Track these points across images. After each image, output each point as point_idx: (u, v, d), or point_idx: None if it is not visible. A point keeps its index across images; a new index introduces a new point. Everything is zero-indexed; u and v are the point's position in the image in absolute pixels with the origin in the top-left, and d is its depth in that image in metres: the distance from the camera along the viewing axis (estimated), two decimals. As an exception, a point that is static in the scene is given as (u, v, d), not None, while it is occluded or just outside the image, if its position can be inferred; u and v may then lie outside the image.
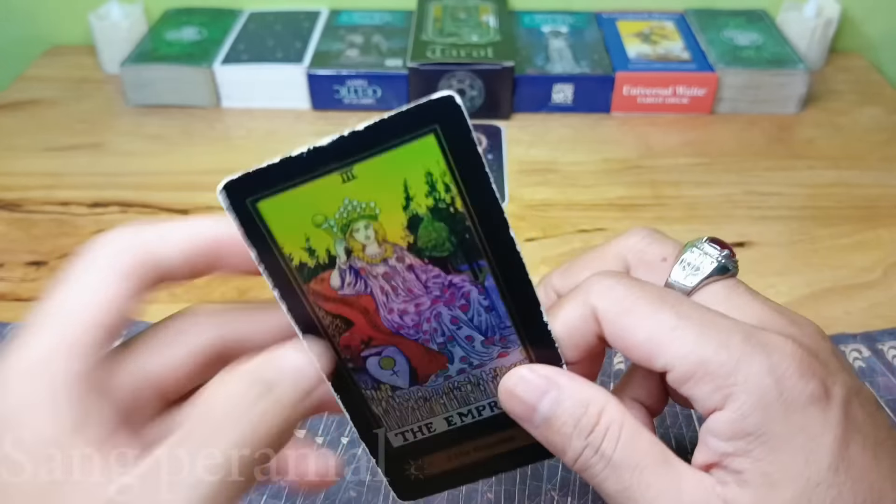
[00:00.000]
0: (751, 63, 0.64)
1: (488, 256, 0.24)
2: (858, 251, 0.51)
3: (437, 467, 0.28)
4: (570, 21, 0.72)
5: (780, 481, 0.22)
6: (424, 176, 0.22)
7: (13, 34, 0.78)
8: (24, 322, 0.23)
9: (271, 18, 0.72)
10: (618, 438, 0.23)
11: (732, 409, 0.22)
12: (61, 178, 0.58)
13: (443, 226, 0.23)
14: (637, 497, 0.23)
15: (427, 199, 0.23)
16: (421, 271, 0.24)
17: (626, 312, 0.24)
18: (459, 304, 0.24)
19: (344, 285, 0.24)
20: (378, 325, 0.24)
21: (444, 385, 0.26)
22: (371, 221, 0.23)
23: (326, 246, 0.23)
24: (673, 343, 0.23)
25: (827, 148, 0.61)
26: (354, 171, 0.22)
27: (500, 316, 0.25)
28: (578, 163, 0.59)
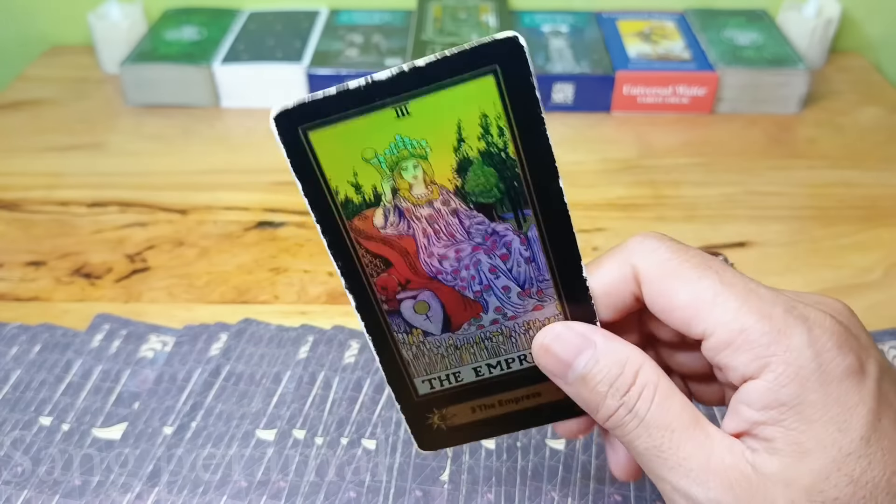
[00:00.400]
0: (751, 63, 0.64)
1: (535, 206, 0.23)
2: (859, 251, 0.50)
3: (460, 419, 0.28)
4: (570, 20, 0.72)
5: (812, 450, 0.22)
6: (479, 118, 0.22)
7: (13, 34, 0.78)
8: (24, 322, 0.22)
9: (271, 18, 0.72)
10: (652, 399, 0.24)
11: (769, 378, 0.22)
12: (61, 178, 0.58)
13: (492, 171, 0.23)
14: (667, 456, 0.23)
15: (479, 142, 0.22)
16: (465, 216, 0.23)
17: (669, 275, 0.24)
18: (500, 252, 0.24)
19: (387, 224, 0.24)
20: (416, 268, 0.24)
21: (476, 334, 0.25)
22: (420, 161, 0.22)
23: (373, 183, 0.23)
24: (715, 309, 0.23)
25: (827, 148, 0.61)
26: (409, 107, 0.21)
27: (539, 268, 0.24)
28: (578, 162, 0.59)
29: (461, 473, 0.36)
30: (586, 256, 0.25)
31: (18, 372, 0.41)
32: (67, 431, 0.38)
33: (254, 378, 0.41)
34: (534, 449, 0.37)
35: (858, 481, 0.22)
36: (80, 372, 0.41)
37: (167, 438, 0.38)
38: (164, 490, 0.36)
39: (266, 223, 0.53)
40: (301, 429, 0.38)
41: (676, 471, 0.23)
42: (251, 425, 0.38)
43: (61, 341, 0.43)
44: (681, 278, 0.24)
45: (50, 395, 0.40)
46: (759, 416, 0.22)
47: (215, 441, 0.38)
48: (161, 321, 0.45)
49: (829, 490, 0.22)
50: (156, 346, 0.43)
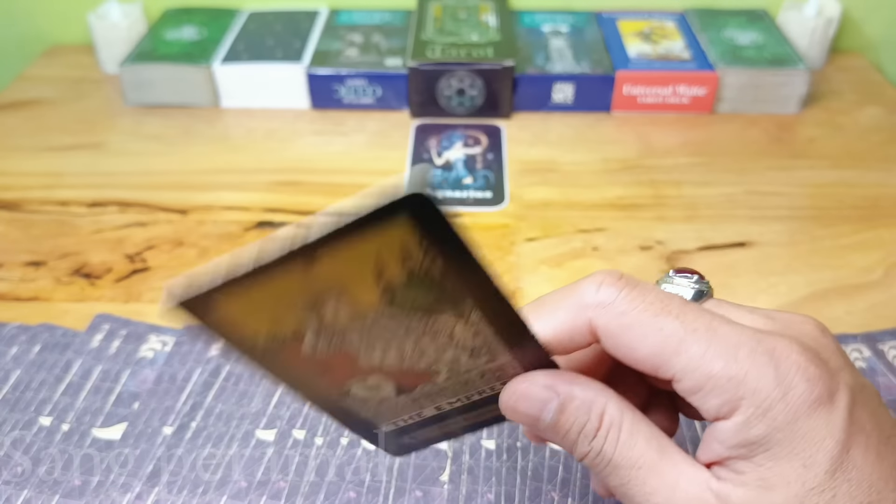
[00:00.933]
0: (751, 62, 0.64)
1: (473, 297, 0.21)
2: (859, 251, 0.50)
3: (426, 435, 0.29)
4: (570, 20, 0.72)
5: (776, 485, 0.22)
6: (399, 250, 0.19)
7: (12, 34, 0.78)
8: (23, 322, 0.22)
9: (271, 18, 0.72)
10: (617, 440, 0.24)
11: (738, 420, 0.22)
12: (60, 178, 0.58)
13: (421, 290, 0.20)
14: (634, 493, 0.24)
15: (401, 268, 0.19)
16: (402, 319, 0.21)
17: (628, 328, 0.23)
18: (444, 336, 0.23)
19: (317, 352, 0.22)
20: (359, 367, 0.23)
21: (433, 388, 0.26)
22: (341, 295, 0.20)
23: (294, 327, 0.21)
24: (679, 357, 0.23)
25: (827, 148, 0.61)
26: (317, 257, 0.18)
27: (486, 337, 0.23)
28: (578, 162, 0.59)
29: (461, 473, 0.36)
30: (587, 257, 0.25)
31: (18, 372, 0.41)
32: (67, 431, 0.38)
33: (254, 378, 0.41)
34: (534, 449, 0.37)
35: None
36: (79, 372, 0.41)
37: (167, 438, 0.38)
38: (164, 490, 0.36)
39: (266, 223, 0.53)
40: (301, 429, 0.38)
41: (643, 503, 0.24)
42: (251, 425, 0.38)
43: (61, 341, 0.43)
44: (641, 330, 0.23)
45: (50, 395, 0.40)
46: (730, 452, 0.23)
47: (215, 441, 0.38)
48: (161, 321, 0.45)
49: None
50: (156, 346, 0.43)
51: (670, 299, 0.24)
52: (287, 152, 0.60)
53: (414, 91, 0.63)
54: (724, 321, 0.23)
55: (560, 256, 0.50)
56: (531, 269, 0.49)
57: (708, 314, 0.23)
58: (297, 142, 0.62)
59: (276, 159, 0.60)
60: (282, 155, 0.60)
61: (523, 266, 0.49)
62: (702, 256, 0.50)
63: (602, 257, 0.49)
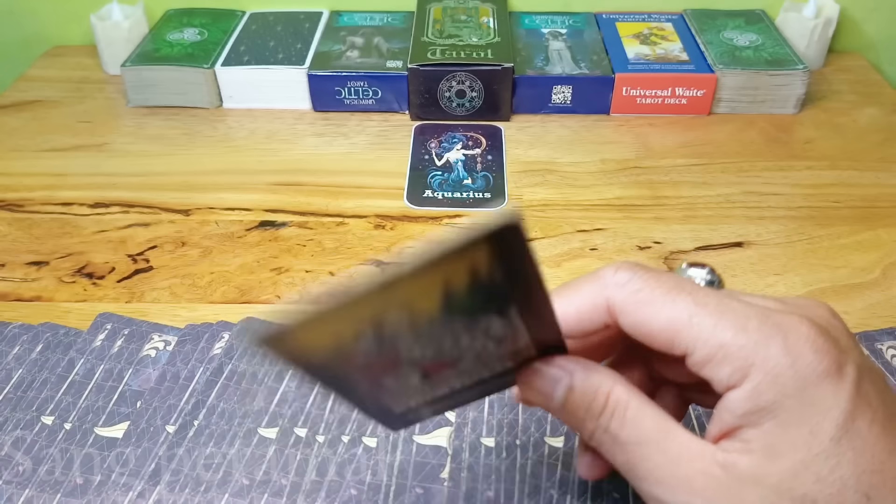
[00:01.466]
0: (750, 63, 0.64)
1: (519, 304, 0.22)
2: (857, 251, 0.51)
3: (431, 409, 0.29)
4: (569, 22, 0.72)
5: (784, 452, 0.23)
6: (470, 267, 0.19)
7: (14, 34, 0.78)
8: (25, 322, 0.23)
9: (272, 19, 0.73)
10: (623, 418, 0.25)
11: (748, 388, 0.23)
12: (62, 179, 0.58)
13: (478, 298, 0.21)
14: (639, 469, 0.25)
15: (467, 280, 0.20)
16: (452, 322, 0.22)
17: (643, 303, 0.25)
18: (481, 331, 0.23)
19: (368, 358, 0.22)
20: (400, 364, 0.24)
21: (452, 373, 0.26)
22: (406, 307, 0.20)
23: (354, 340, 0.21)
24: (692, 329, 0.24)
25: (826, 148, 0.61)
26: (396, 283, 0.19)
27: (516, 328, 0.24)
28: (577, 163, 0.60)
29: (461, 471, 0.36)
30: (585, 258, 0.26)
31: (20, 371, 0.42)
32: (69, 431, 0.39)
33: (256, 377, 0.41)
34: (533, 447, 0.37)
35: (826, 479, 0.22)
36: (82, 371, 0.42)
37: (169, 437, 0.38)
38: (166, 489, 0.36)
39: (268, 223, 0.54)
40: (302, 427, 0.39)
41: (648, 480, 0.25)
42: (253, 424, 0.39)
43: (63, 341, 0.43)
44: (655, 305, 0.25)
45: (52, 394, 0.40)
46: (740, 420, 0.23)
47: (217, 440, 0.38)
48: (163, 320, 0.45)
49: (798, 487, 0.22)
50: (158, 345, 0.43)
51: (683, 281, 0.25)
52: (288, 153, 0.61)
53: (414, 93, 0.63)
54: (735, 299, 0.25)
55: (559, 256, 0.50)
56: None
57: (719, 294, 0.25)
58: (299, 143, 0.62)
59: (277, 160, 0.60)
60: (283, 156, 0.60)
61: (523, 266, 0.50)
62: (699, 257, 0.50)
63: (600, 257, 0.50)
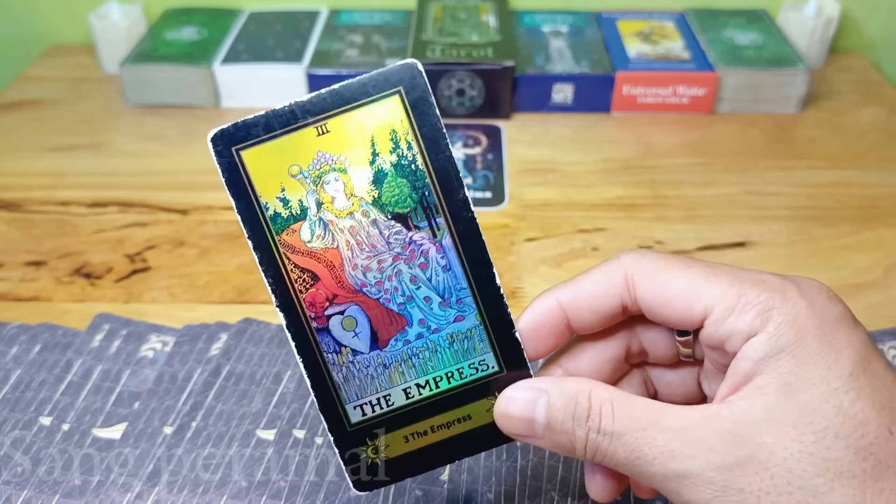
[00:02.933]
0: (751, 63, 0.64)
1: (445, 214, 0.26)
2: (858, 251, 0.51)
3: (393, 450, 0.28)
4: (570, 21, 0.72)
5: (801, 388, 0.23)
6: (390, 133, 0.25)
7: (13, 34, 0.78)
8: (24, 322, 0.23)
9: (271, 18, 0.72)
10: (612, 413, 0.25)
11: (770, 329, 0.23)
12: (61, 178, 0.58)
13: (405, 181, 0.25)
14: (646, 452, 0.24)
15: (391, 155, 0.25)
16: (384, 226, 0.26)
17: (660, 271, 0.26)
18: (419, 262, 0.26)
19: (313, 238, 0.26)
20: (342, 282, 0.26)
21: (403, 351, 0.27)
22: (341, 174, 0.25)
23: (299, 197, 0.25)
24: (709, 288, 0.24)
25: (827, 148, 0.61)
26: (328, 125, 0.25)
27: (456, 277, 0.26)
28: (578, 163, 0.59)
29: (461, 473, 0.36)
30: (586, 257, 0.26)
31: (18, 372, 0.41)
32: (67, 431, 0.38)
33: (254, 378, 0.41)
34: (533, 448, 0.37)
35: (847, 411, 0.22)
36: (80, 372, 0.41)
37: (167, 438, 0.38)
38: (164, 490, 0.36)
39: (266, 223, 0.53)
40: (301, 429, 0.38)
41: (660, 459, 0.24)
42: (251, 425, 0.39)
43: (61, 341, 0.43)
44: (671, 271, 0.25)
45: (50, 394, 0.40)
46: (757, 366, 0.23)
47: (215, 441, 0.38)
48: (161, 321, 0.45)
49: (818, 420, 0.22)
50: (156, 345, 0.43)
51: (693, 258, 0.26)
52: (287, 152, 0.60)
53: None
54: (744, 269, 0.25)
55: (560, 256, 0.50)
56: (531, 269, 0.49)
57: (729, 265, 0.26)
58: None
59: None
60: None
61: (523, 266, 0.49)
62: (701, 256, 0.50)
63: (602, 257, 0.50)
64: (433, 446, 0.28)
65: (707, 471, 0.23)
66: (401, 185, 0.25)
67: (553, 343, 0.28)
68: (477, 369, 0.27)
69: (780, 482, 0.22)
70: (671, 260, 0.26)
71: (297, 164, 0.25)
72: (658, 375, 0.30)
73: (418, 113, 0.25)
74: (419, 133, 0.25)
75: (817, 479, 0.22)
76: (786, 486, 0.22)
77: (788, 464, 0.22)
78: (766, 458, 0.22)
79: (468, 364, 0.27)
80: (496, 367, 0.27)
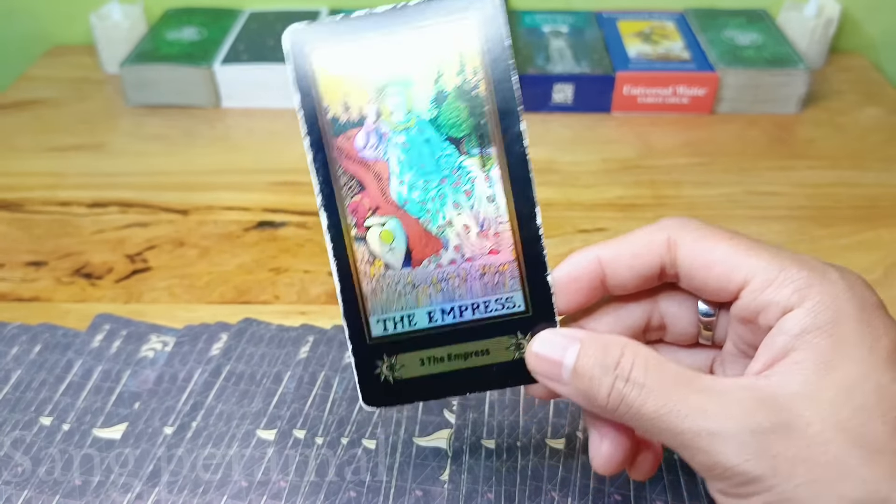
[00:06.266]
0: (751, 63, 0.64)
1: (498, 145, 0.26)
2: (858, 251, 0.51)
3: (408, 371, 0.28)
4: (570, 21, 0.72)
5: (840, 366, 0.23)
6: (458, 56, 0.25)
7: (14, 34, 0.78)
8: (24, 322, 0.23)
9: (271, 18, 0.73)
10: (646, 366, 0.24)
11: (809, 306, 0.24)
12: (62, 179, 0.58)
13: (464, 106, 0.26)
14: (679, 408, 0.23)
15: (456, 77, 0.25)
16: (436, 147, 0.26)
17: (705, 237, 0.26)
18: (464, 188, 0.26)
19: (366, 146, 0.26)
20: (387, 195, 0.26)
21: (434, 273, 0.27)
22: (403, 89, 0.25)
23: (360, 104, 0.26)
24: (751, 259, 0.25)
25: (827, 148, 0.61)
26: (399, 37, 0.25)
27: (498, 209, 0.26)
28: (578, 163, 0.59)
29: (461, 473, 0.36)
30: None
31: (19, 372, 0.41)
32: (68, 431, 0.38)
33: (254, 378, 0.41)
34: (534, 448, 0.37)
35: (885, 390, 0.22)
36: (80, 372, 0.41)
37: (167, 438, 0.38)
38: (165, 490, 0.36)
39: (266, 223, 0.53)
40: (301, 429, 0.38)
41: (693, 416, 0.23)
42: (251, 425, 0.39)
43: (62, 341, 0.43)
44: (715, 239, 0.26)
45: (50, 395, 0.40)
46: (794, 342, 0.23)
47: (216, 441, 0.38)
48: (162, 321, 0.45)
49: (857, 398, 0.22)
50: (156, 346, 0.43)
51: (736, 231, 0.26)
52: (287, 153, 0.60)
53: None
54: (787, 250, 0.26)
55: (560, 257, 0.50)
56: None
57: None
58: (298, 142, 0.61)
59: (276, 160, 0.60)
60: (282, 155, 0.60)
61: (523, 266, 0.49)
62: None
63: (602, 257, 0.50)
64: (447, 375, 0.28)
65: (742, 433, 0.22)
66: (459, 109, 0.25)
67: (584, 298, 0.28)
68: (503, 305, 0.27)
69: (815, 452, 0.22)
70: (715, 229, 0.26)
71: (363, 71, 0.25)
72: (671, 355, 0.30)
73: (490, 41, 0.25)
74: (487, 61, 0.25)
75: (853, 452, 0.22)
76: (821, 456, 0.22)
77: (825, 436, 0.22)
78: (803, 427, 0.22)
79: (495, 299, 0.27)
80: (522, 308, 0.27)
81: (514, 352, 0.28)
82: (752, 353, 0.27)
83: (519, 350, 0.28)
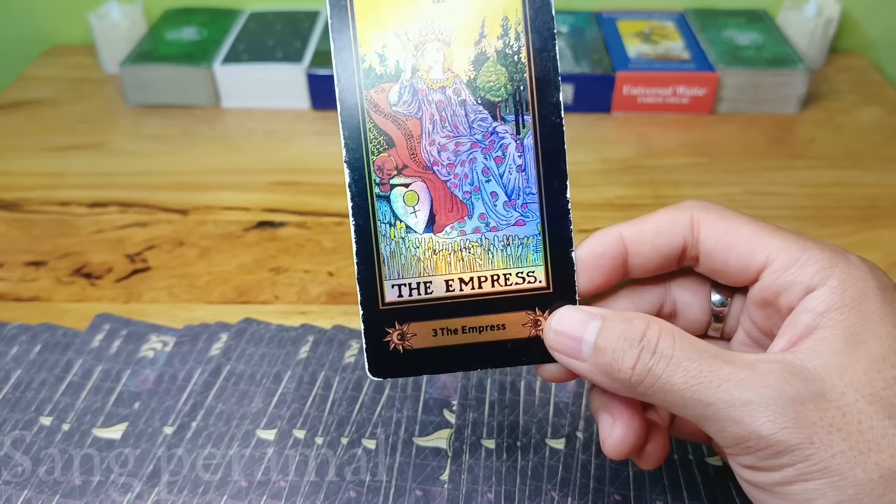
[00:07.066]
0: (751, 63, 0.64)
1: (534, 114, 0.26)
2: (858, 251, 0.50)
3: (419, 341, 0.27)
4: (570, 21, 0.72)
5: (869, 339, 0.23)
6: (502, 19, 0.25)
7: (13, 34, 0.78)
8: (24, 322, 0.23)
9: (271, 18, 0.72)
10: (673, 337, 0.24)
11: (833, 284, 0.24)
12: (61, 178, 0.58)
13: (504, 70, 0.25)
14: (710, 378, 0.23)
15: (498, 41, 0.25)
16: (471, 110, 0.25)
17: (728, 218, 0.26)
18: (496, 154, 0.26)
19: (399, 102, 0.25)
20: (416, 154, 0.26)
21: (456, 241, 0.26)
22: (443, 46, 0.25)
23: (398, 58, 0.25)
24: (774, 240, 0.25)
25: (827, 148, 0.61)
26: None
27: (528, 179, 0.26)
28: (578, 163, 0.59)
29: (461, 473, 0.36)
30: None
31: (19, 372, 0.41)
32: (68, 431, 0.38)
33: (254, 378, 0.41)
34: (534, 448, 0.37)
35: None
36: (80, 372, 0.41)
37: (167, 438, 0.38)
38: (165, 490, 0.36)
39: (266, 223, 0.53)
40: (301, 429, 0.38)
41: (726, 386, 0.23)
42: (251, 425, 0.39)
43: (62, 341, 0.43)
44: (738, 221, 0.26)
45: (50, 394, 0.40)
46: (820, 319, 0.24)
47: (215, 441, 0.38)
48: (161, 321, 0.45)
49: (888, 369, 0.23)
50: (156, 345, 0.43)
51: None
52: (287, 153, 0.60)
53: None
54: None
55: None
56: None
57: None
58: (298, 142, 0.62)
59: (276, 160, 0.60)
60: (282, 155, 0.60)
61: (523, 266, 0.49)
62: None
63: (602, 257, 0.50)
64: (459, 347, 0.27)
65: (779, 400, 0.22)
66: (499, 73, 0.25)
67: (605, 278, 0.27)
68: (524, 279, 0.27)
69: (851, 420, 0.22)
70: (737, 213, 0.27)
71: (404, 24, 0.25)
72: None
73: (535, 8, 0.25)
74: (530, 27, 0.25)
75: (888, 421, 0.22)
76: (857, 424, 0.22)
77: (860, 405, 0.22)
78: (838, 397, 0.22)
79: (517, 272, 0.26)
80: (543, 283, 0.27)
81: (531, 328, 0.27)
82: (764, 341, 0.27)
83: (536, 326, 0.27)
